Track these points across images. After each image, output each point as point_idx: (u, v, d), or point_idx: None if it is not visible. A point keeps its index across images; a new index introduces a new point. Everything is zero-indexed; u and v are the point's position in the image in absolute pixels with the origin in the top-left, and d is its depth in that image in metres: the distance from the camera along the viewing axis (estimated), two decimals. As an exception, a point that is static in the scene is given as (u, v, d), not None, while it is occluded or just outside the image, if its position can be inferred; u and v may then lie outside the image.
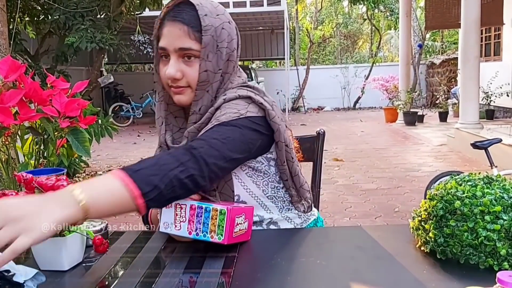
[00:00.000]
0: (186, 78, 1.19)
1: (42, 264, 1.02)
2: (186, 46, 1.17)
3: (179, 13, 1.18)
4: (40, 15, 6.91)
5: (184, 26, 1.16)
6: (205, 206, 1.05)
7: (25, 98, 1.40)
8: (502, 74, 10.64)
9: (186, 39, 1.16)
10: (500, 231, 0.92)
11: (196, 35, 1.16)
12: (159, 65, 1.24)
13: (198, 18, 1.17)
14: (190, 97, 1.22)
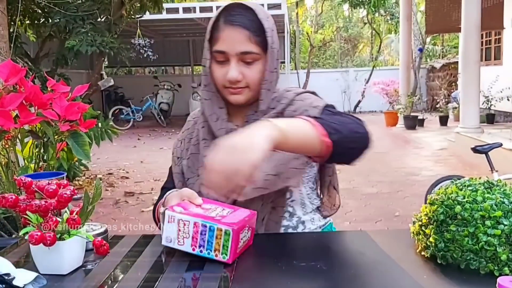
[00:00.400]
0: (245, 79, 1.24)
1: (42, 268, 1.01)
2: (247, 50, 1.21)
3: (238, 17, 1.22)
4: (40, 18, 6.91)
5: (245, 30, 1.21)
6: (209, 225, 1.03)
7: (26, 101, 1.41)
8: (502, 78, 10.65)
9: (247, 43, 1.21)
10: (500, 236, 0.91)
11: (256, 39, 1.21)
12: (211, 67, 1.26)
13: (256, 22, 1.22)
14: (247, 96, 1.27)
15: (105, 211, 5.15)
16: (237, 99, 1.26)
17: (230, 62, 1.22)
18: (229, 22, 1.22)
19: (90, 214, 1.06)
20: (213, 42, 1.25)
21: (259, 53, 1.22)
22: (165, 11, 10.54)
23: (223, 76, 1.24)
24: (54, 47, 7.05)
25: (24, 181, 1.04)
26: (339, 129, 1.06)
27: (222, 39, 1.22)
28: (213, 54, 1.25)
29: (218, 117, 1.29)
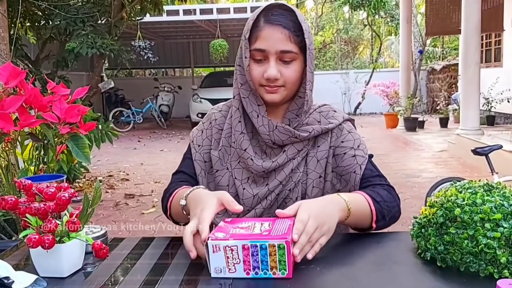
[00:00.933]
0: (283, 78, 1.26)
1: (42, 271, 1.01)
2: (287, 49, 1.24)
3: (278, 17, 1.25)
4: (41, 20, 6.92)
5: (285, 30, 1.24)
6: (260, 243, 0.95)
7: (26, 104, 1.41)
8: (502, 80, 10.65)
9: (287, 43, 1.24)
10: (500, 238, 0.91)
11: (296, 39, 1.24)
12: (250, 65, 1.28)
13: (295, 23, 1.25)
14: (282, 95, 1.29)
15: (105, 213, 5.15)
16: (273, 98, 1.29)
17: (268, 61, 1.25)
18: (269, 21, 1.25)
19: (89, 217, 1.06)
20: (252, 40, 1.27)
21: (297, 53, 1.25)
22: (165, 13, 10.55)
23: (261, 74, 1.27)
24: (55, 49, 7.06)
25: (24, 183, 1.04)
26: (386, 216, 1.24)
27: (262, 38, 1.25)
28: (252, 52, 1.27)
29: (259, 114, 1.31)
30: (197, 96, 13.54)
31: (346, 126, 1.39)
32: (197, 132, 1.45)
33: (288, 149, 1.33)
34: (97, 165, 8.04)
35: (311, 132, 1.32)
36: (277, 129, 1.30)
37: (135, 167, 7.98)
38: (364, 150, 1.36)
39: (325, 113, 1.38)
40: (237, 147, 1.34)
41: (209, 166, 1.40)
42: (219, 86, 13.78)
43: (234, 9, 12.93)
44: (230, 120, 1.39)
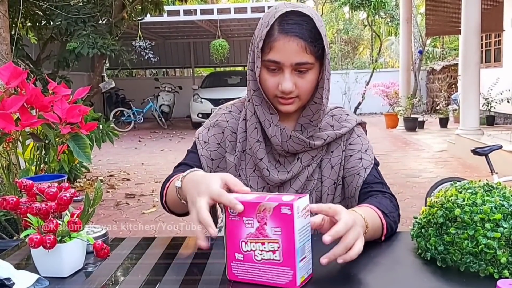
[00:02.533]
0: (298, 89, 1.23)
1: (43, 271, 1.01)
2: (303, 61, 1.19)
3: (294, 27, 1.19)
4: (42, 20, 6.92)
5: (301, 41, 1.18)
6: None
7: (27, 104, 1.41)
8: (502, 80, 10.65)
9: (303, 54, 1.19)
10: (500, 239, 0.92)
11: (312, 49, 1.19)
12: (261, 74, 1.24)
13: (312, 32, 1.19)
14: (296, 106, 1.27)
15: (106, 213, 5.16)
16: (288, 109, 1.26)
17: (283, 72, 1.21)
18: (284, 31, 1.19)
19: (90, 217, 1.06)
20: (265, 50, 1.21)
21: (313, 63, 1.21)
22: (166, 13, 10.56)
23: (275, 86, 1.23)
24: (56, 50, 7.07)
25: (25, 183, 1.04)
26: (393, 227, 1.21)
27: (277, 49, 1.19)
28: (266, 63, 1.22)
29: (271, 123, 1.28)
30: (197, 96, 13.55)
31: (357, 130, 1.37)
32: (203, 129, 1.41)
33: (302, 156, 1.31)
34: (98, 165, 8.05)
35: (326, 139, 1.31)
36: (291, 139, 1.28)
37: (136, 167, 7.98)
38: (371, 156, 1.35)
39: (337, 117, 1.36)
40: (253, 154, 1.32)
41: (216, 165, 1.36)
42: (219, 86, 13.79)
43: (235, 9, 12.94)
44: (243, 123, 1.35)
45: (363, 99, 16.15)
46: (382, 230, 1.17)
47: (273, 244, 0.89)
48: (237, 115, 1.39)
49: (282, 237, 0.88)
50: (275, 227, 0.88)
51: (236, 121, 1.37)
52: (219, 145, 1.37)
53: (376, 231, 1.14)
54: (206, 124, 1.41)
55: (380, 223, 1.16)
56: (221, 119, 1.39)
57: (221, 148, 1.37)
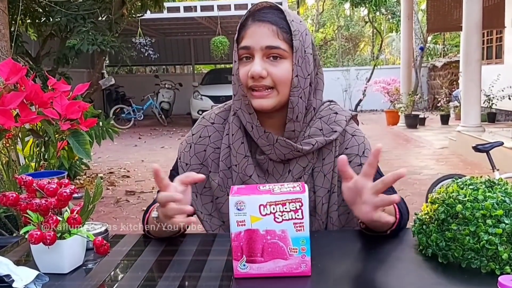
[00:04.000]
0: (271, 77, 1.16)
1: (43, 267, 1.01)
2: (274, 45, 1.15)
3: (265, 14, 1.18)
4: (41, 17, 6.90)
5: (272, 25, 1.16)
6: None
7: (26, 100, 1.40)
8: (504, 77, 10.63)
9: (274, 38, 1.15)
10: (502, 235, 0.91)
11: (284, 36, 1.16)
12: (238, 68, 1.21)
13: (285, 22, 1.17)
14: (274, 101, 1.19)
15: (106, 210, 5.16)
16: (262, 103, 1.18)
17: (254, 59, 1.17)
18: (256, 18, 1.18)
19: (90, 213, 1.06)
20: (239, 41, 1.20)
21: (287, 50, 1.16)
22: (166, 10, 10.54)
23: (246, 73, 1.17)
24: (55, 46, 7.05)
25: (25, 179, 1.04)
26: (402, 226, 1.19)
27: (248, 35, 1.18)
28: (238, 53, 1.20)
29: (252, 124, 1.22)
30: (197, 93, 13.54)
31: (349, 128, 1.29)
32: (185, 146, 1.33)
33: (293, 168, 1.24)
34: (98, 162, 8.05)
35: (314, 144, 1.22)
36: (278, 143, 1.21)
37: (136, 164, 7.98)
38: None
39: (326, 118, 1.27)
40: (240, 171, 1.25)
41: (201, 186, 1.30)
42: (219, 83, 13.77)
43: (235, 6, 12.90)
44: (227, 138, 1.28)
45: (364, 96, 16.15)
46: (393, 223, 1.13)
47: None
48: (220, 126, 1.32)
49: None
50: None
51: (219, 134, 1.31)
52: (201, 165, 1.31)
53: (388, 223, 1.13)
54: (189, 138, 1.34)
55: (395, 215, 1.14)
56: (203, 134, 1.32)
57: (204, 167, 1.31)
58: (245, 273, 0.95)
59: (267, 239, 0.94)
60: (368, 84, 14.88)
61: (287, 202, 0.93)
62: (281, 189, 0.95)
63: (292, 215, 0.93)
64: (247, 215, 0.93)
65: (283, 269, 0.95)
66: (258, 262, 0.95)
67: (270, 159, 1.25)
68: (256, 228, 0.94)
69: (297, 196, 0.93)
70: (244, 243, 0.94)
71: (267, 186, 0.98)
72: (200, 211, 1.31)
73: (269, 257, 0.94)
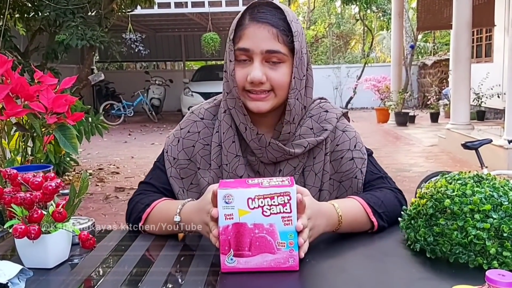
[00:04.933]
0: (270, 82, 1.14)
1: (27, 262, 1.00)
2: (274, 49, 1.13)
3: (265, 15, 1.14)
4: (30, 12, 6.82)
5: (273, 28, 1.12)
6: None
7: (12, 93, 1.38)
8: (493, 75, 10.70)
9: (274, 42, 1.12)
10: (489, 229, 0.91)
11: (284, 39, 1.13)
12: (234, 68, 1.16)
13: (284, 22, 1.14)
14: (271, 103, 1.17)
15: (95, 207, 5.12)
16: (260, 106, 1.16)
17: (253, 62, 1.14)
18: (255, 18, 1.14)
19: (76, 208, 1.05)
20: (236, 40, 1.16)
21: (286, 54, 1.14)
22: (156, 5, 10.47)
23: (244, 77, 1.14)
24: (44, 41, 6.98)
25: (10, 173, 1.02)
26: (385, 219, 1.16)
27: (247, 36, 1.13)
28: (236, 53, 1.15)
29: (246, 126, 1.19)
30: (188, 89, 13.49)
31: (340, 124, 1.28)
32: (172, 140, 1.31)
33: (284, 168, 1.23)
34: (87, 158, 7.99)
35: (306, 146, 1.21)
36: (270, 146, 1.20)
37: (126, 160, 7.94)
38: (362, 150, 1.27)
39: (316, 117, 1.26)
40: (231, 171, 1.23)
41: (188, 182, 1.28)
42: (210, 79, 13.73)
43: (226, 2, 12.85)
44: (217, 136, 1.26)
45: (354, 93, 16.17)
46: (371, 225, 1.15)
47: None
48: (210, 122, 1.29)
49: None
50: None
51: (209, 130, 1.28)
52: (189, 160, 1.28)
53: (359, 223, 1.14)
54: (177, 132, 1.32)
55: (366, 217, 1.14)
56: (192, 129, 1.29)
57: (191, 163, 1.28)
58: (233, 267, 0.95)
59: (255, 233, 0.93)
60: (359, 81, 14.90)
61: (275, 196, 0.92)
62: (270, 183, 0.95)
63: (280, 208, 0.93)
64: (235, 209, 0.93)
65: (271, 263, 0.94)
66: (245, 256, 0.94)
67: (261, 161, 1.24)
68: (244, 221, 0.93)
69: (286, 190, 0.92)
70: (231, 237, 0.93)
71: (255, 180, 0.97)
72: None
73: (256, 251, 0.94)
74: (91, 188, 5.96)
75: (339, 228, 1.09)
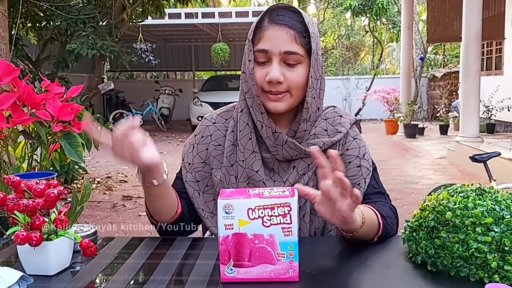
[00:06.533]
0: (287, 82, 1.18)
1: (29, 268, 1.00)
2: (292, 50, 1.17)
3: (283, 17, 1.18)
4: (42, 21, 6.92)
5: (291, 30, 1.17)
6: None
7: (19, 101, 1.40)
8: (503, 88, 10.65)
9: (292, 43, 1.17)
10: (491, 243, 0.90)
11: (301, 40, 1.17)
12: (253, 67, 1.21)
13: (302, 25, 1.18)
14: (287, 104, 1.21)
15: (102, 215, 5.14)
16: (277, 106, 1.21)
17: (272, 63, 1.18)
18: (274, 21, 1.19)
19: (78, 215, 1.05)
20: (255, 42, 1.20)
21: (303, 56, 1.18)
22: (167, 16, 10.57)
23: (263, 77, 1.19)
24: (55, 50, 7.07)
25: (13, 180, 1.03)
26: (388, 232, 1.19)
27: (266, 38, 1.18)
28: (255, 54, 1.20)
29: (262, 123, 1.23)
30: (197, 99, 13.55)
31: (352, 131, 1.32)
32: (188, 147, 1.36)
33: (298, 165, 1.26)
34: (96, 167, 8.03)
35: (321, 146, 1.24)
36: (287, 144, 1.23)
37: (134, 169, 7.94)
38: (369, 161, 1.31)
39: (331, 120, 1.31)
40: (247, 167, 1.26)
41: (203, 185, 1.32)
42: (219, 89, 13.79)
43: (236, 13, 12.95)
44: (232, 135, 1.30)
45: (363, 105, 16.15)
46: (378, 229, 1.15)
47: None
48: (222, 125, 1.34)
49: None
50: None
51: (220, 132, 1.33)
52: (204, 163, 1.33)
53: (372, 227, 1.13)
54: (191, 140, 1.37)
55: (377, 221, 1.15)
56: (205, 134, 1.34)
57: (206, 166, 1.33)
58: (232, 277, 0.94)
59: (255, 244, 0.93)
60: (368, 93, 14.89)
61: (275, 207, 0.92)
62: (271, 193, 0.95)
63: (281, 219, 0.93)
64: (235, 219, 0.93)
65: (271, 274, 0.94)
66: (245, 266, 0.94)
67: (276, 159, 1.27)
68: (244, 232, 0.93)
69: (286, 201, 0.92)
70: (231, 247, 0.93)
71: (256, 190, 0.98)
72: (201, 208, 1.32)
73: (256, 261, 0.94)
74: (98, 197, 5.99)
75: (359, 230, 1.07)
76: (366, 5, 16.32)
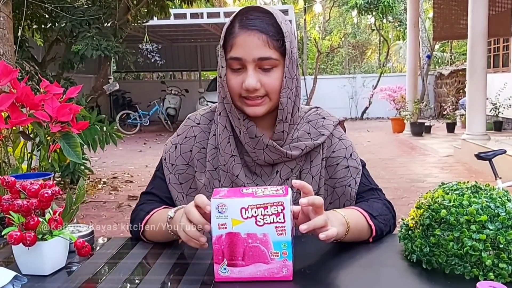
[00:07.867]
0: (264, 87, 1.16)
1: (24, 269, 1.01)
2: (266, 56, 1.13)
3: (254, 21, 1.14)
4: (47, 22, 6.96)
5: (263, 35, 1.13)
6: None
7: (17, 102, 1.41)
8: (510, 85, 10.58)
9: (265, 49, 1.13)
10: (485, 241, 0.90)
11: (275, 44, 1.14)
12: (228, 76, 1.17)
13: (274, 26, 1.14)
14: (267, 107, 1.19)
15: (108, 215, 5.16)
16: (256, 111, 1.18)
17: (246, 70, 1.15)
18: (245, 26, 1.14)
19: (73, 215, 1.05)
20: (227, 48, 1.17)
21: (278, 59, 1.15)
22: (172, 16, 10.58)
23: (239, 84, 1.16)
24: (61, 51, 7.10)
25: (7, 180, 1.04)
26: (384, 230, 1.19)
27: (238, 45, 1.14)
28: (228, 62, 1.16)
29: (240, 130, 1.21)
30: (203, 99, 13.58)
31: (336, 132, 1.30)
32: (170, 147, 1.32)
33: (281, 169, 1.24)
34: (102, 167, 8.07)
35: (304, 149, 1.23)
36: (268, 148, 1.21)
37: (140, 169, 7.99)
38: (357, 160, 1.29)
39: (314, 122, 1.28)
40: (228, 171, 1.24)
41: (187, 187, 1.29)
42: (225, 89, 13.78)
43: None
44: (214, 139, 1.27)
45: (370, 103, 16.12)
46: (370, 232, 1.15)
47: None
48: (206, 126, 1.31)
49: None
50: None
51: (205, 134, 1.30)
52: (187, 165, 1.30)
53: (361, 231, 1.13)
54: (174, 139, 1.34)
55: (367, 224, 1.14)
56: (189, 134, 1.31)
57: (190, 168, 1.30)
58: (226, 277, 0.94)
59: (248, 243, 0.93)
60: (374, 91, 14.85)
61: (268, 206, 0.92)
62: (264, 192, 0.95)
63: (274, 218, 0.92)
64: (228, 218, 0.93)
65: (264, 273, 0.94)
66: (239, 266, 0.94)
67: (257, 163, 1.25)
68: (237, 231, 0.93)
69: (279, 200, 0.92)
70: (225, 246, 0.93)
71: (250, 189, 0.97)
72: None
73: (250, 261, 0.93)
74: (104, 197, 6.01)
75: (345, 236, 1.07)
76: (372, 3, 16.30)
